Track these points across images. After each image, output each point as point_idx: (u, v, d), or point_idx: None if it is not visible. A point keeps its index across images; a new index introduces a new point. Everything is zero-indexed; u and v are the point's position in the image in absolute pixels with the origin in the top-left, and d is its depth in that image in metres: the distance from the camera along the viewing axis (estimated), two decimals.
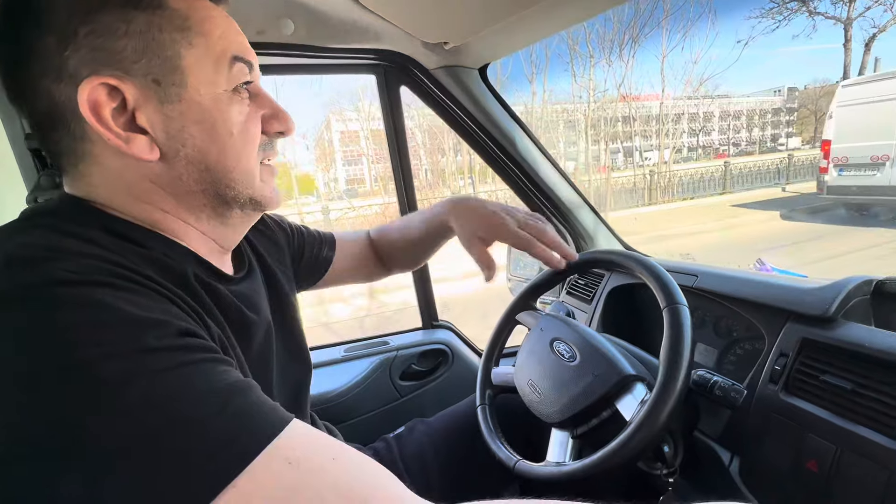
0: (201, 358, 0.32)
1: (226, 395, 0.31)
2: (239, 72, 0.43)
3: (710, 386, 0.67)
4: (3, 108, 0.75)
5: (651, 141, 15.45)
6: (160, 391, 0.29)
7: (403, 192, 1.20)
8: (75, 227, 0.36)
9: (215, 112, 0.42)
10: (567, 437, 0.69)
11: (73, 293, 0.30)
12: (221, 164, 0.43)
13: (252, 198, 0.46)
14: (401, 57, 1.03)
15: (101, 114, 0.37)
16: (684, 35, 11.59)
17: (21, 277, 0.30)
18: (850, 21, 9.49)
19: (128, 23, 0.38)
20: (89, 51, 0.37)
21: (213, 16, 0.42)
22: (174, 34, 0.39)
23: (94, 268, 0.32)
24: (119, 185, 0.41)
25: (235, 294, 0.48)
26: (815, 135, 18.34)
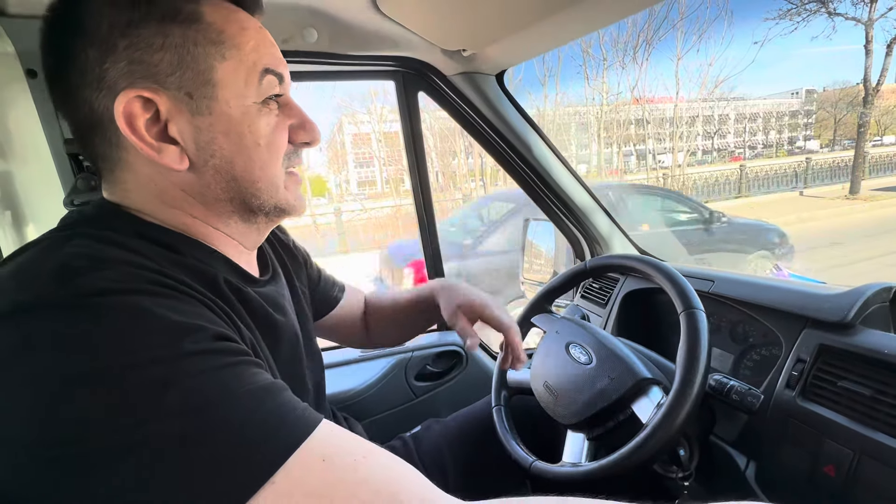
0: (235, 361, 0.34)
1: (260, 396, 0.32)
2: (269, 84, 0.44)
3: (726, 390, 0.67)
4: (44, 113, 0.78)
5: (665, 144, 15.28)
6: (198, 394, 0.30)
7: (420, 195, 1.22)
8: (115, 236, 0.38)
9: (244, 124, 0.43)
10: (583, 439, 0.70)
11: (116, 302, 0.32)
12: (248, 174, 0.44)
13: (276, 205, 0.48)
14: (419, 63, 1.05)
15: (135, 124, 0.39)
16: (700, 37, 11.45)
17: (69, 287, 0.32)
18: (872, 22, 9.29)
19: (165, 37, 0.39)
20: (127, 63, 0.38)
21: (248, 28, 0.43)
22: (208, 48, 0.40)
23: (134, 276, 0.34)
24: (151, 191, 0.43)
25: (262, 296, 0.50)
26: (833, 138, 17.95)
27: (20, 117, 0.79)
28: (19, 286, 0.32)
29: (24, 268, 0.34)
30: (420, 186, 1.21)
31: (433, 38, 0.94)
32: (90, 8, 0.38)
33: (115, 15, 0.38)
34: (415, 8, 0.82)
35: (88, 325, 0.30)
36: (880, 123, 15.14)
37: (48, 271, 0.33)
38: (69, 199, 0.80)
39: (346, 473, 0.31)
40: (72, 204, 0.80)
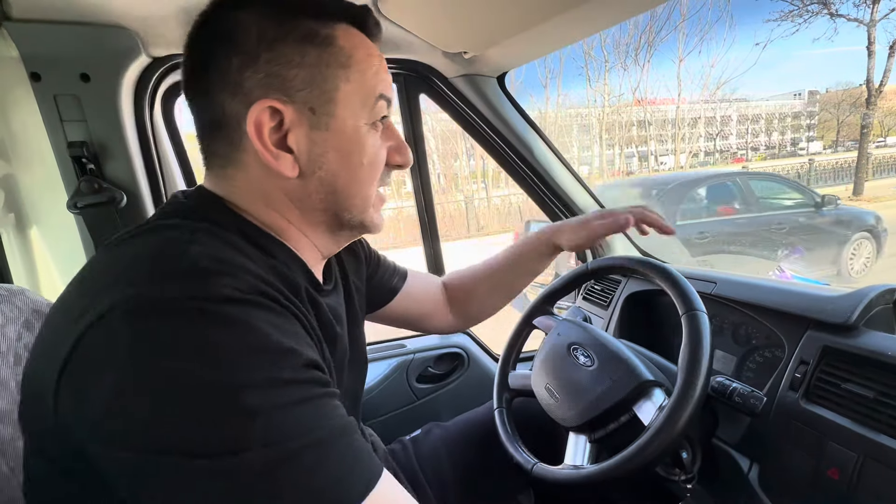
0: (321, 393, 0.35)
1: (337, 435, 0.34)
2: (380, 108, 0.47)
3: (729, 392, 0.67)
4: (47, 116, 0.79)
5: (667, 145, 15.26)
6: (286, 427, 0.31)
7: (421, 197, 1.23)
8: (227, 235, 0.41)
9: (354, 142, 0.46)
10: (584, 441, 0.70)
11: (231, 313, 0.33)
12: (347, 188, 0.47)
13: (362, 222, 0.50)
14: (421, 66, 1.05)
15: (261, 131, 0.42)
16: (701, 39, 11.47)
17: (194, 289, 0.33)
18: (874, 23, 9.27)
19: (302, 55, 0.42)
20: (266, 76, 0.42)
21: (372, 55, 0.47)
22: (337, 70, 0.44)
23: (249, 286, 0.36)
24: (257, 191, 0.46)
25: (328, 306, 0.52)
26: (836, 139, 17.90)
27: (24, 120, 0.80)
28: (151, 280, 0.33)
29: (153, 260, 0.36)
30: (422, 188, 1.22)
31: (434, 40, 0.94)
32: (242, 21, 0.42)
33: (263, 31, 0.42)
34: (416, 11, 0.82)
35: (211, 334, 0.32)
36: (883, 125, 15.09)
37: (179, 270, 0.34)
38: (72, 202, 0.81)
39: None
40: (75, 207, 0.81)
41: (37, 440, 0.37)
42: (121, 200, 0.84)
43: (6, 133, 0.82)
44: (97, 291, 0.34)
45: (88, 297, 0.34)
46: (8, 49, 0.74)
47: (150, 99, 0.89)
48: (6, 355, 0.53)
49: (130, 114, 0.86)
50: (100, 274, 0.37)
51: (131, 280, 0.33)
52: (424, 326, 0.87)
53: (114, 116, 0.82)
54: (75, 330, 0.32)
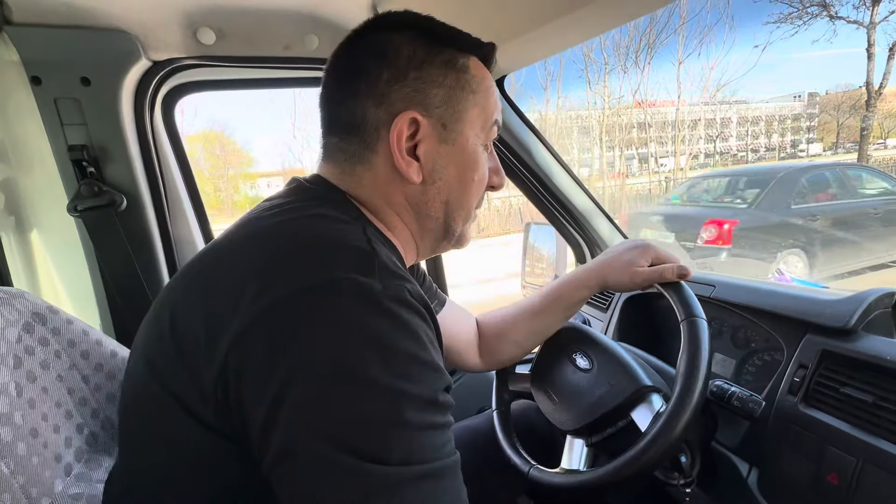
0: (448, 422, 0.37)
1: (454, 469, 0.35)
2: (493, 132, 0.54)
3: (727, 396, 0.67)
4: (48, 120, 0.79)
5: (667, 147, 15.28)
6: (422, 448, 0.33)
7: None
8: (374, 232, 0.45)
9: (471, 159, 0.52)
10: (582, 445, 0.70)
11: (407, 318, 0.35)
12: (458, 200, 0.52)
13: (462, 234, 0.56)
14: None
15: (399, 138, 0.47)
16: (701, 41, 11.47)
17: (384, 287, 0.35)
18: (874, 25, 9.28)
19: (444, 77, 0.48)
20: (412, 91, 0.47)
21: (491, 87, 0.53)
22: (468, 94, 0.50)
23: (418, 293, 0.39)
24: (381, 191, 0.50)
25: None
26: (836, 141, 17.91)
27: (24, 124, 0.80)
28: (357, 270, 0.36)
29: (338, 248, 0.38)
30: None
31: None
32: (395, 42, 0.48)
33: (414, 52, 0.48)
34: None
35: (389, 334, 0.34)
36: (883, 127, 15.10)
37: (374, 266, 0.37)
38: (72, 205, 0.81)
39: None
40: (75, 210, 0.81)
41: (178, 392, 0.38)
42: (121, 203, 0.84)
43: (7, 136, 0.82)
44: (293, 264, 0.36)
45: (281, 266, 0.36)
46: (9, 53, 0.74)
47: (150, 102, 0.90)
48: (6, 358, 0.53)
49: (131, 117, 0.86)
50: (290, 246, 0.39)
51: (332, 263, 0.36)
52: (453, 362, 0.81)
53: (114, 120, 0.82)
54: (268, 295, 0.34)
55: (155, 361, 0.40)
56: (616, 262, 0.72)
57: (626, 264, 0.70)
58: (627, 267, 0.70)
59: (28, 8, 0.70)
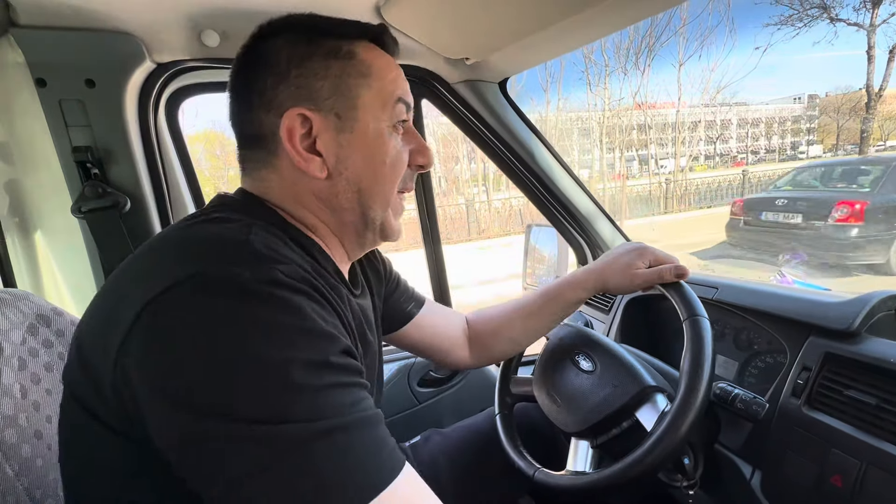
0: (356, 382, 0.37)
1: (370, 421, 0.36)
2: (399, 111, 0.51)
3: (731, 399, 0.67)
4: (52, 122, 0.79)
5: (667, 149, 15.29)
6: (325, 407, 0.34)
7: (423, 200, 1.23)
8: (278, 231, 0.45)
9: (376, 144, 0.50)
10: (587, 447, 0.70)
11: (287, 297, 0.36)
12: (371, 188, 0.51)
13: (383, 223, 0.54)
14: (423, 72, 1.06)
15: (293, 137, 0.47)
16: (701, 43, 11.51)
17: (256, 272, 0.36)
18: (874, 28, 9.30)
19: (327, 69, 0.47)
20: (295, 88, 0.47)
21: (389, 66, 0.52)
22: (358, 79, 0.49)
23: (300, 276, 0.39)
24: (290, 191, 0.50)
25: (360, 306, 0.54)
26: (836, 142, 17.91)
27: (29, 126, 0.81)
28: (220, 261, 0.37)
29: (220, 244, 0.39)
30: (423, 191, 1.22)
31: (437, 46, 0.95)
32: (276, 47, 0.48)
33: (293, 51, 0.48)
34: (418, 18, 0.83)
35: (272, 313, 0.35)
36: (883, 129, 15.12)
37: (245, 255, 0.38)
38: (77, 206, 0.81)
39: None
40: (79, 211, 0.81)
41: (86, 401, 0.38)
42: (125, 205, 0.84)
43: (12, 138, 0.82)
44: (167, 265, 0.37)
45: (157, 269, 0.37)
46: (14, 55, 0.74)
47: (154, 104, 0.90)
48: (10, 360, 0.53)
49: (135, 119, 0.86)
50: (169, 249, 0.40)
51: (200, 258, 0.37)
52: (439, 360, 0.84)
53: (118, 121, 0.83)
54: (143, 297, 0.35)
55: (71, 381, 0.41)
56: (615, 264, 0.72)
57: (625, 266, 0.71)
58: (626, 269, 0.70)
59: (34, 10, 0.70)
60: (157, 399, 0.33)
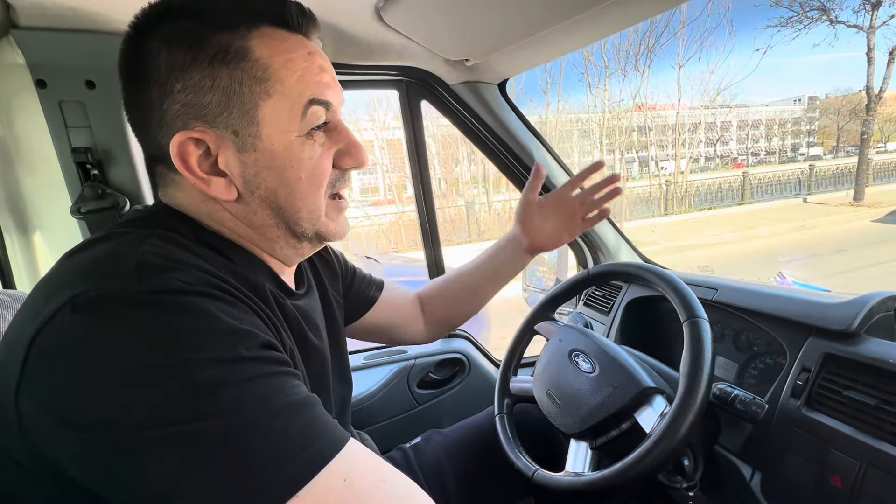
0: (280, 371, 0.35)
1: (298, 408, 0.34)
2: (313, 115, 0.44)
3: (730, 400, 0.67)
4: (52, 123, 0.79)
5: (667, 150, 15.30)
6: (244, 399, 0.32)
7: (423, 202, 1.23)
8: (181, 239, 0.41)
9: (286, 158, 0.44)
10: (586, 448, 0.70)
11: (187, 302, 0.34)
12: (290, 204, 0.46)
13: (318, 232, 0.49)
14: (423, 73, 1.06)
15: (188, 161, 0.42)
16: (701, 45, 11.53)
17: (148, 284, 0.33)
18: (873, 30, 9.32)
19: (213, 79, 0.40)
20: (182, 105, 0.41)
21: (294, 58, 0.43)
22: (254, 87, 0.41)
23: (200, 279, 0.36)
24: (202, 210, 0.46)
25: (298, 309, 0.51)
26: (837, 145, 17.92)
27: (29, 127, 0.81)
28: (102, 278, 0.34)
29: (105, 261, 0.36)
30: (423, 194, 1.22)
31: (436, 48, 0.95)
32: (154, 50, 0.40)
33: (171, 59, 0.40)
34: (418, 19, 0.83)
35: (162, 320, 0.32)
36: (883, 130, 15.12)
37: (129, 268, 0.34)
38: (76, 207, 0.81)
39: (365, 496, 0.32)
40: (78, 212, 0.81)
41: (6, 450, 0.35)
42: (124, 206, 0.84)
43: (11, 139, 0.82)
44: (50, 294, 0.34)
45: (42, 301, 0.34)
46: (14, 56, 0.75)
47: None
48: None
49: None
50: (54, 279, 0.37)
51: (81, 280, 0.34)
52: (397, 338, 0.86)
53: (118, 123, 0.83)
54: (29, 331, 0.33)
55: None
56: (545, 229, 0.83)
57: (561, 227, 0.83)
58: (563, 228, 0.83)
59: (34, 12, 0.70)
60: (61, 429, 0.31)
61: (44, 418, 0.31)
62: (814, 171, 12.54)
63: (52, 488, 0.34)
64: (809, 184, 12.22)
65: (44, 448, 0.32)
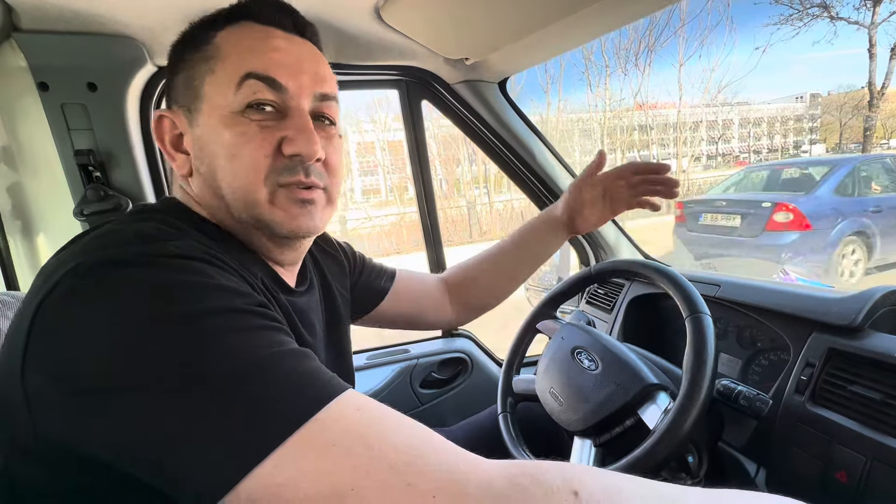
0: (277, 326, 0.36)
1: (299, 355, 0.34)
2: (248, 89, 0.43)
3: (734, 396, 0.67)
4: (55, 125, 0.80)
5: (669, 149, 15.27)
6: (249, 342, 0.32)
7: (424, 203, 1.23)
8: (177, 222, 0.42)
9: (216, 134, 0.43)
10: (589, 446, 0.69)
11: (180, 262, 0.35)
12: (226, 184, 0.44)
13: (257, 219, 0.46)
14: (423, 72, 1.06)
15: (163, 139, 0.47)
16: (701, 43, 11.49)
17: (148, 249, 0.35)
18: (875, 26, 9.28)
19: (184, 62, 0.46)
20: (168, 90, 0.48)
21: (244, 38, 0.44)
22: (202, 65, 0.45)
23: (194, 248, 0.37)
24: (201, 200, 0.47)
25: (292, 304, 0.51)
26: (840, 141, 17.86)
27: (32, 129, 0.81)
28: (102, 247, 0.36)
29: (104, 236, 0.38)
30: (424, 194, 1.22)
31: (436, 47, 0.95)
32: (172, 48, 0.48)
33: (175, 53, 0.48)
34: (418, 18, 0.83)
35: (162, 277, 0.33)
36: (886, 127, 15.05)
37: (129, 237, 0.37)
38: (79, 209, 0.81)
39: (378, 424, 0.32)
40: (81, 214, 0.81)
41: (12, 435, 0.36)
42: (126, 207, 0.85)
43: (14, 142, 0.83)
44: (53, 271, 0.35)
45: (44, 278, 0.35)
46: (17, 59, 0.75)
47: (155, 107, 0.90)
48: None
49: (136, 122, 0.87)
50: (56, 260, 0.38)
51: (82, 253, 0.35)
52: (424, 323, 0.83)
53: (120, 125, 0.83)
54: (33, 304, 0.33)
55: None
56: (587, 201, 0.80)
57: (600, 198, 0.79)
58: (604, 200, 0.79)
59: (36, 15, 0.71)
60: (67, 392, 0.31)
61: (50, 385, 0.32)
62: None
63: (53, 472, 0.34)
64: None
65: (49, 422, 0.33)
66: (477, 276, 0.84)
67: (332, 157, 0.49)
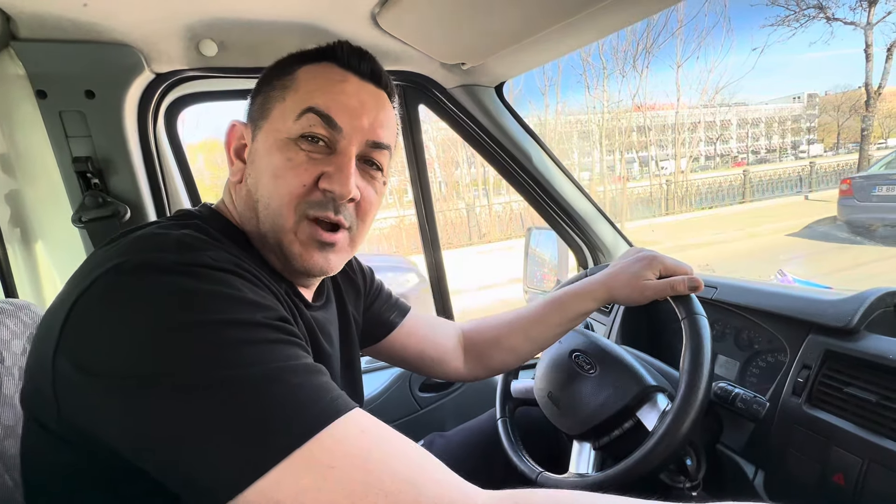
0: (293, 342, 0.38)
1: (311, 370, 0.36)
2: (305, 121, 0.47)
3: (731, 398, 0.67)
4: (53, 133, 0.80)
5: (667, 150, 15.30)
6: (265, 354, 0.34)
7: (422, 206, 1.23)
8: (214, 232, 0.46)
9: (265, 152, 0.49)
10: (589, 449, 0.69)
11: (212, 274, 0.37)
12: (261, 200, 0.49)
13: (279, 244, 0.49)
14: (419, 77, 1.07)
15: (230, 144, 0.53)
16: (699, 44, 11.55)
17: (184, 257, 0.37)
18: (871, 26, 9.32)
19: (268, 86, 0.51)
20: (251, 105, 0.53)
21: (317, 77, 0.50)
22: (279, 92, 0.50)
23: (227, 259, 0.40)
24: (239, 211, 0.51)
25: (314, 319, 0.54)
26: (837, 141, 17.89)
27: (30, 137, 0.81)
28: (143, 250, 0.38)
29: (146, 239, 0.40)
30: (422, 198, 1.22)
31: (432, 52, 0.95)
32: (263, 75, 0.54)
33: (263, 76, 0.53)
34: (414, 24, 0.83)
35: (193, 286, 0.36)
36: (884, 126, 15.10)
37: (169, 244, 0.39)
38: (77, 216, 0.81)
39: (382, 442, 0.34)
40: (79, 221, 0.81)
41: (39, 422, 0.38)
42: (125, 214, 0.85)
43: (12, 149, 0.83)
44: (93, 268, 0.37)
45: (83, 274, 0.38)
46: (15, 67, 0.75)
47: (153, 114, 0.91)
48: (11, 370, 0.54)
49: (134, 129, 0.87)
50: (91, 261, 0.40)
51: (124, 252, 0.37)
52: (431, 371, 0.79)
53: (118, 132, 0.83)
54: (71, 298, 0.36)
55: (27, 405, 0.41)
56: (623, 274, 0.69)
57: (634, 277, 0.68)
58: (635, 280, 0.67)
59: (34, 23, 0.71)
60: (92, 381, 0.33)
61: (77, 373, 0.34)
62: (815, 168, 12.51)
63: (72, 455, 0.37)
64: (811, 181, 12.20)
65: (72, 408, 0.35)
66: (506, 337, 0.77)
67: (366, 201, 0.52)
